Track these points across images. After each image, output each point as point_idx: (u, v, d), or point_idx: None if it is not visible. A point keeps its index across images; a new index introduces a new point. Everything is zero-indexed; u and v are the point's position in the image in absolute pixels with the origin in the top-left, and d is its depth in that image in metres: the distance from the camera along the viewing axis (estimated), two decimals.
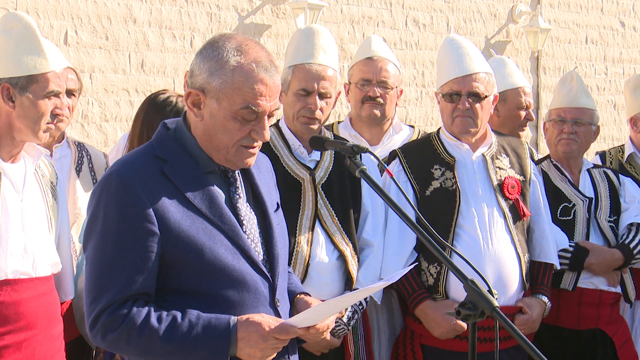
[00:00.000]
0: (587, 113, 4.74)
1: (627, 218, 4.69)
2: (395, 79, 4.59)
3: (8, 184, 3.24)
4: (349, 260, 3.93)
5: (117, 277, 2.58)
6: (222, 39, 2.69)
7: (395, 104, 4.63)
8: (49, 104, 3.28)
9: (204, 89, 2.66)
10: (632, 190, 4.77)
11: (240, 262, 2.67)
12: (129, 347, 2.60)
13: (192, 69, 2.71)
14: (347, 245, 3.95)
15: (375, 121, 4.59)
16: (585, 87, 4.86)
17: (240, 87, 2.62)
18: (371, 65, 4.56)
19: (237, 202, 2.75)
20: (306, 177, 3.95)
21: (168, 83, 8.01)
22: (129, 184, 2.60)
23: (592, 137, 4.79)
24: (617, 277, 4.64)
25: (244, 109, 2.64)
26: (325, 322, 2.71)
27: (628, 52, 11.89)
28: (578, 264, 4.54)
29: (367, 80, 4.55)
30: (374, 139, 4.62)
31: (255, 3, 8.63)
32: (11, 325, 3.18)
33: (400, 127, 4.72)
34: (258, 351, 2.59)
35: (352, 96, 4.64)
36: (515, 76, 5.15)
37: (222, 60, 2.64)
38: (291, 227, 3.83)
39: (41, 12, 7.32)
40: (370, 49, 4.61)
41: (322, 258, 3.90)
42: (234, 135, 2.66)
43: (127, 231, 2.58)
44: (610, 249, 4.60)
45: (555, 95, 4.92)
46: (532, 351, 2.49)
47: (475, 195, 4.18)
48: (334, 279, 3.92)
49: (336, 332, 3.92)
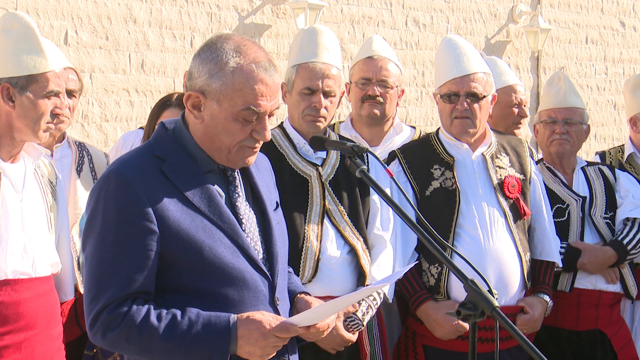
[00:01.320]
0: (577, 112, 4.74)
1: (622, 213, 4.69)
2: (396, 78, 4.58)
3: (8, 183, 3.24)
4: (361, 254, 3.89)
5: (117, 275, 2.58)
6: (219, 40, 2.69)
7: (396, 103, 4.62)
8: (49, 103, 3.28)
9: (204, 91, 2.66)
10: (627, 184, 4.75)
11: (240, 261, 2.67)
12: (128, 346, 2.60)
13: (191, 71, 2.70)
14: (357, 239, 3.92)
15: (375, 120, 4.59)
16: (574, 86, 4.86)
17: (241, 88, 2.63)
18: (371, 64, 4.55)
19: (237, 201, 2.75)
20: (313, 173, 3.94)
21: (168, 83, 8.02)
22: (128, 182, 2.59)
23: (584, 136, 4.79)
24: (615, 273, 4.63)
25: (245, 110, 2.64)
26: (325, 322, 2.71)
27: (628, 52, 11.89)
28: (571, 265, 4.54)
29: (367, 79, 4.54)
30: (375, 140, 4.62)
31: (255, 3, 8.63)
32: (11, 325, 3.18)
33: (401, 128, 4.71)
34: (258, 349, 2.59)
35: (353, 95, 4.63)
36: (506, 75, 5.14)
37: (221, 61, 2.64)
38: (300, 223, 3.82)
39: (41, 12, 7.32)
40: (371, 48, 4.61)
41: (332, 253, 3.87)
42: (236, 136, 2.67)
43: (126, 230, 2.58)
44: (602, 247, 4.59)
45: (543, 97, 4.92)
46: (532, 351, 2.49)
47: (476, 195, 4.17)
48: (346, 273, 3.89)
49: (350, 326, 3.88)
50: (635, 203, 4.69)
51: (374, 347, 4.03)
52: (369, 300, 3.92)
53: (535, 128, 4.86)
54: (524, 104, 5.21)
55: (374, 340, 4.04)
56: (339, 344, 3.86)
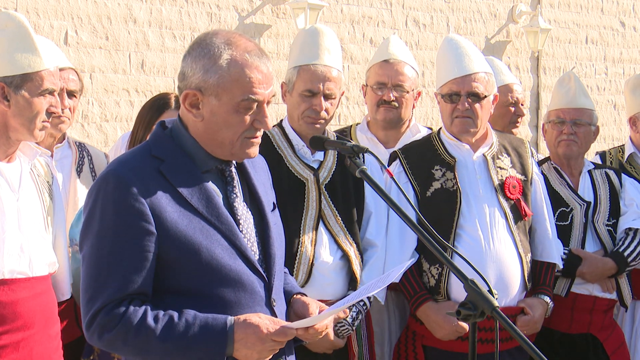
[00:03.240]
0: (586, 113, 4.71)
1: (625, 222, 4.65)
2: (412, 82, 4.58)
3: (4, 183, 3.24)
4: (353, 260, 3.92)
5: (114, 276, 2.57)
6: (207, 36, 2.70)
7: (412, 106, 4.62)
8: (44, 102, 3.27)
9: (200, 88, 2.65)
10: (632, 193, 4.72)
11: (237, 262, 2.66)
12: (125, 347, 2.59)
13: (183, 71, 2.70)
14: (350, 245, 3.94)
15: (391, 124, 4.60)
16: (584, 87, 4.83)
17: (238, 78, 2.63)
18: (387, 68, 4.56)
19: (234, 201, 2.74)
20: (310, 177, 3.94)
21: (168, 83, 8.01)
22: (126, 182, 2.59)
23: (592, 138, 4.75)
24: (612, 284, 4.61)
25: (244, 100, 2.64)
26: (323, 322, 2.70)
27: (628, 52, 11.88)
28: (570, 272, 4.52)
29: (383, 83, 4.54)
30: (391, 142, 4.62)
31: (255, 3, 8.63)
32: (8, 325, 3.17)
33: (418, 129, 4.71)
34: (255, 353, 2.58)
35: (369, 99, 4.64)
36: (502, 74, 5.12)
37: (214, 56, 2.64)
38: (295, 227, 3.83)
39: (41, 12, 7.31)
40: (388, 51, 4.60)
41: (325, 258, 3.89)
42: (238, 128, 2.67)
43: (124, 230, 2.57)
44: (603, 257, 4.55)
45: (553, 96, 4.89)
46: (532, 351, 2.48)
47: (476, 196, 4.17)
48: (338, 279, 3.91)
49: (340, 332, 3.91)
50: (638, 213, 4.65)
51: (361, 347, 4.05)
52: (359, 305, 3.96)
53: (544, 127, 4.83)
54: (520, 102, 5.19)
55: (362, 341, 4.06)
56: (327, 347, 3.90)
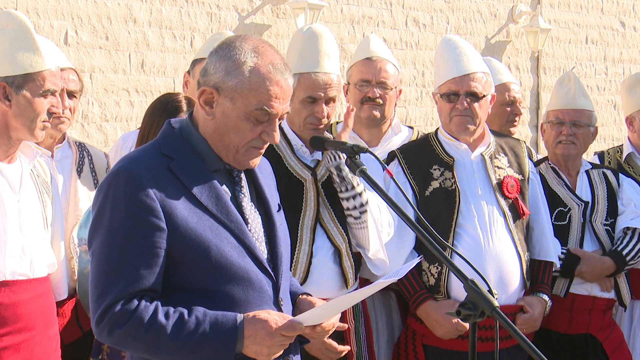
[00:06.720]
0: (585, 114, 4.71)
1: (623, 222, 4.64)
2: (395, 79, 4.57)
3: (5, 184, 3.24)
4: (344, 256, 3.94)
5: (125, 272, 2.56)
6: (238, 39, 2.71)
7: (394, 104, 4.60)
8: (45, 102, 3.27)
9: (218, 87, 2.67)
10: (630, 192, 4.71)
11: (246, 260, 2.67)
12: (136, 344, 2.59)
13: (206, 67, 2.71)
14: (342, 241, 3.95)
15: (374, 122, 4.57)
16: (583, 87, 4.82)
17: (256, 88, 2.64)
18: (370, 65, 4.53)
19: (242, 200, 2.76)
20: (308, 177, 3.95)
21: (168, 83, 8.02)
22: (138, 178, 2.59)
23: (591, 139, 4.75)
24: (610, 283, 4.61)
25: (258, 110, 2.66)
26: (330, 321, 2.72)
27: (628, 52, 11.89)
28: (569, 272, 4.52)
29: (367, 81, 4.52)
30: (373, 140, 4.60)
31: (256, 3, 8.64)
32: (10, 326, 3.17)
33: (400, 128, 4.69)
34: (265, 348, 2.59)
35: (352, 97, 4.60)
36: (499, 73, 5.10)
37: (239, 60, 2.65)
38: (293, 227, 3.84)
39: (41, 12, 7.32)
40: (369, 49, 4.58)
41: (322, 257, 3.91)
42: (245, 135, 2.68)
43: (135, 226, 2.57)
44: (601, 257, 4.55)
45: (552, 97, 4.88)
46: (532, 350, 2.49)
47: (475, 195, 4.18)
48: (334, 276, 3.93)
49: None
50: (636, 212, 4.65)
51: (360, 348, 4.05)
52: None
53: (542, 127, 4.83)
54: (518, 102, 5.17)
55: (360, 341, 4.06)
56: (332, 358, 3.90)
